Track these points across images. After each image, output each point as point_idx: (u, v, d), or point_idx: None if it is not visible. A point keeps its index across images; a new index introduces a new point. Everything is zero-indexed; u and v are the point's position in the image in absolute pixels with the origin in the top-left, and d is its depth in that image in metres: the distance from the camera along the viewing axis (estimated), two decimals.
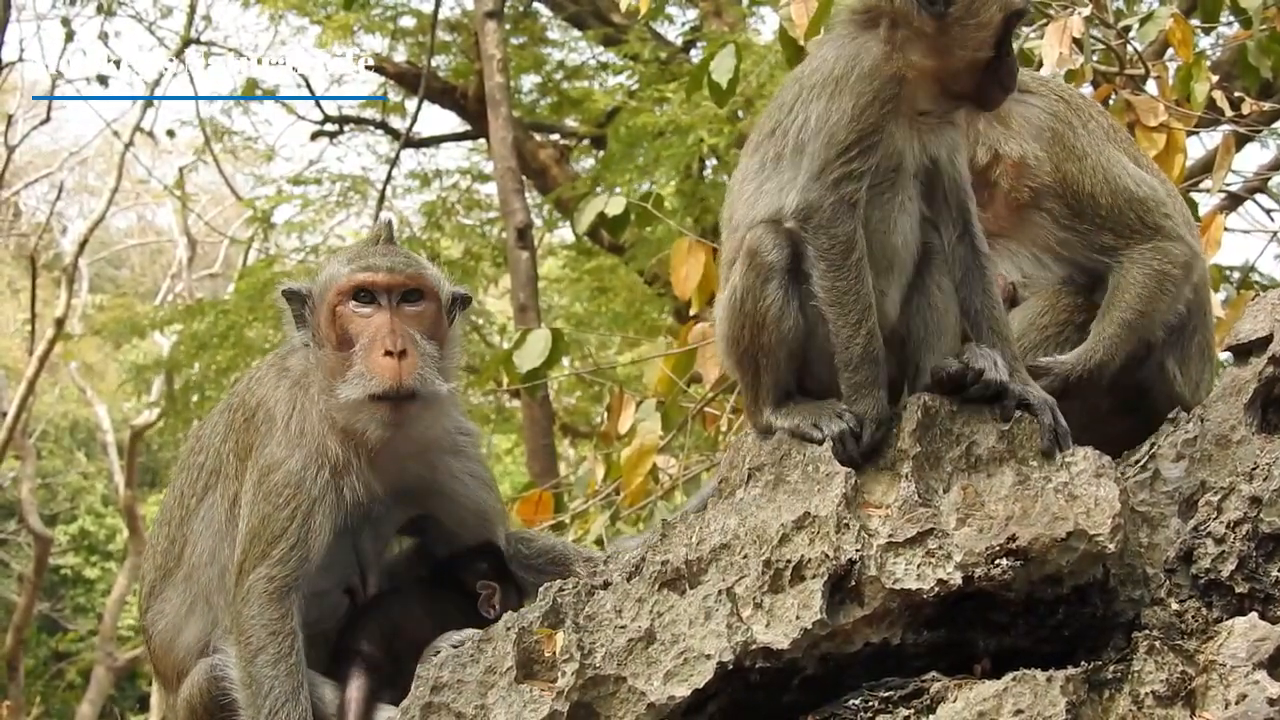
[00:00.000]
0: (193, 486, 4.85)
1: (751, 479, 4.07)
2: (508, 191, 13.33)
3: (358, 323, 4.60)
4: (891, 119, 4.06)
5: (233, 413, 4.81)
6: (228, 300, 19.31)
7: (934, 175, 4.17)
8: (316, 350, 4.67)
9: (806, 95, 4.14)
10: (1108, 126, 4.95)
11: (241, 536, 4.57)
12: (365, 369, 4.51)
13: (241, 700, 4.44)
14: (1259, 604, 3.70)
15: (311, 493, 4.53)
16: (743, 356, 4.22)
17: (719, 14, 16.69)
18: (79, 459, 34.92)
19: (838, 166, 4.02)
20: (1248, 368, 4.12)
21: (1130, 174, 4.81)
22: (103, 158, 34.26)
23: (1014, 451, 3.96)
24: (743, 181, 4.31)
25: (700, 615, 3.90)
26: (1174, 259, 4.73)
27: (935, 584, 3.77)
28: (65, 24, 20.36)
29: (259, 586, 4.46)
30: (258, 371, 4.90)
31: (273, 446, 4.61)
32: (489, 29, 13.44)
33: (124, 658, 27.14)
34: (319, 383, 4.62)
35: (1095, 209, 4.75)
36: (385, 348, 4.53)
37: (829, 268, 4.01)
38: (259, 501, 4.54)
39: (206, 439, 4.90)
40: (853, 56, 4.11)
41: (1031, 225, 4.80)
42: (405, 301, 4.65)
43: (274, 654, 4.43)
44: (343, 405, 4.51)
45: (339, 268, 4.71)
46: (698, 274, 7.75)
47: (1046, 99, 4.87)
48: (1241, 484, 3.80)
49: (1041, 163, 4.76)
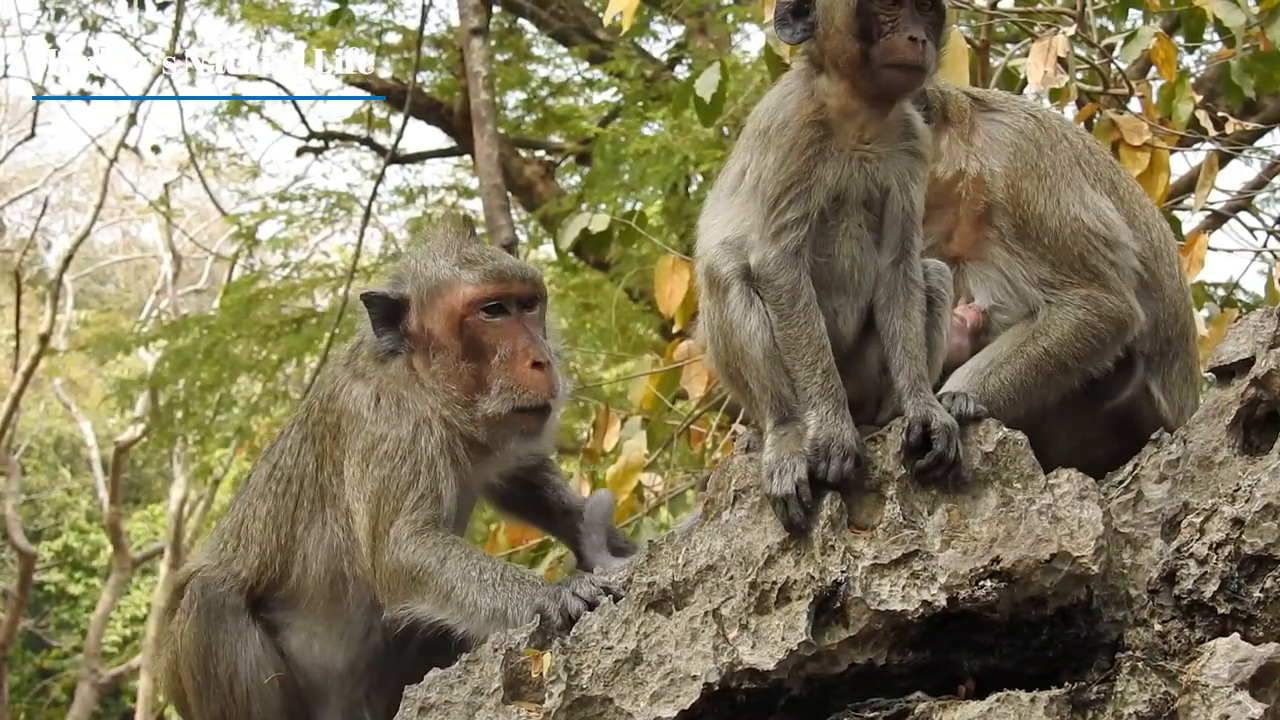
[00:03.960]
0: (291, 515, 4.77)
1: (738, 500, 4.08)
2: (493, 208, 13.31)
3: (491, 333, 4.61)
4: (819, 161, 4.09)
5: (316, 438, 4.75)
6: (213, 316, 19.27)
7: (884, 203, 4.19)
8: (423, 356, 4.65)
9: (747, 144, 4.24)
10: (1081, 149, 4.85)
11: (365, 509, 4.50)
12: (514, 382, 4.55)
13: (452, 619, 4.36)
14: (1241, 625, 3.71)
15: (428, 450, 4.51)
16: (731, 375, 4.24)
17: (704, 31, 16.72)
18: (63, 475, 34.84)
19: (773, 220, 4.08)
20: (1230, 389, 4.14)
21: (1088, 203, 4.70)
22: (87, 173, 34.21)
23: (998, 474, 3.97)
24: (706, 214, 4.39)
25: (686, 636, 3.91)
26: (1105, 313, 4.61)
27: (920, 605, 3.78)
28: (50, 40, 20.34)
29: (404, 531, 4.41)
30: (323, 388, 4.83)
31: (369, 428, 4.57)
32: (474, 45, 13.43)
33: (108, 674, 27.10)
34: (438, 391, 4.58)
35: (1041, 232, 4.64)
36: (533, 358, 4.56)
37: (780, 317, 4.07)
38: (373, 471, 4.50)
39: (291, 469, 4.81)
40: (776, 108, 4.19)
41: (985, 244, 4.72)
42: (525, 308, 4.67)
43: (458, 555, 4.37)
44: (487, 419, 4.53)
45: (455, 272, 4.68)
46: (682, 291, 7.77)
47: (1015, 116, 4.81)
48: (1224, 505, 3.81)
49: (997, 178, 4.68)
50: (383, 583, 4.47)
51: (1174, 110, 7.35)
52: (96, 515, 32.25)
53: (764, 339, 4.09)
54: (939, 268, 4.34)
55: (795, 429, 4.06)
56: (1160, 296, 4.83)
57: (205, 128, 22.28)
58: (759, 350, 4.10)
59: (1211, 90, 10.14)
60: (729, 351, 4.17)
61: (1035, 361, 4.58)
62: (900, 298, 4.19)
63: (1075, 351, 4.59)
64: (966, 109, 4.81)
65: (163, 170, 29.57)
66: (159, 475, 33.41)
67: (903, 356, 4.14)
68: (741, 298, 4.13)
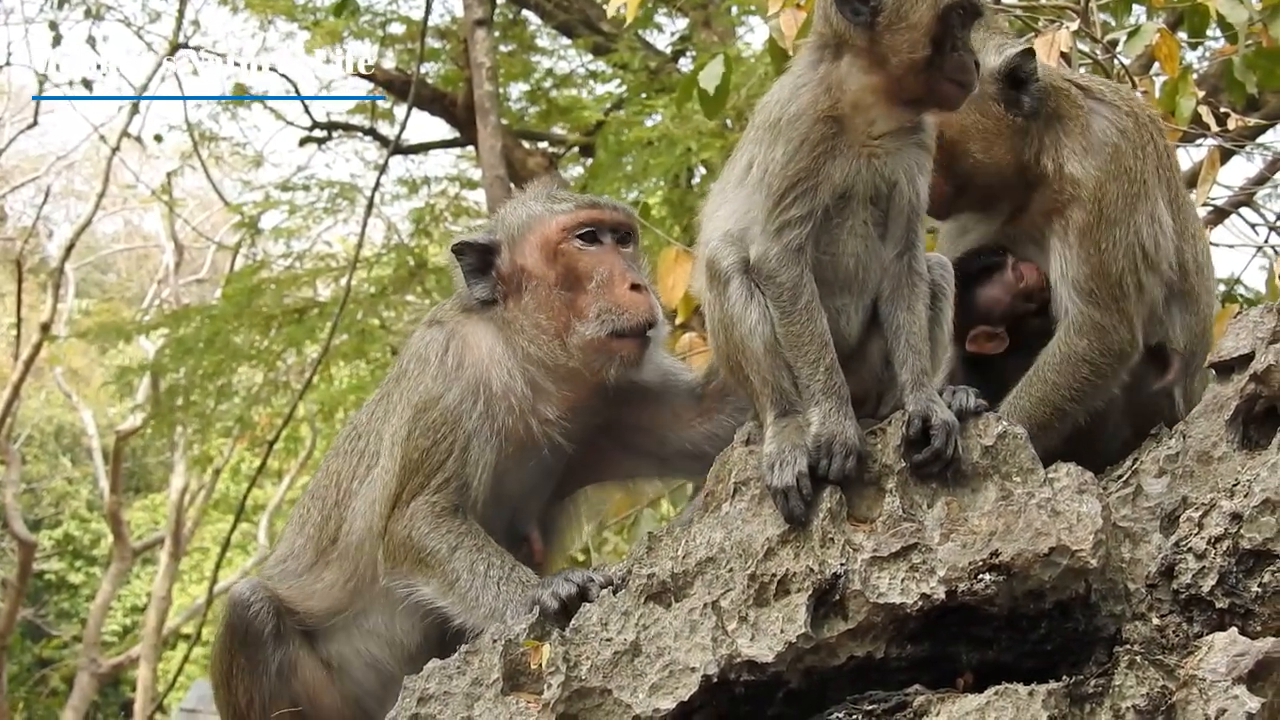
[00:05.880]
0: (353, 470, 4.76)
1: (737, 493, 4.09)
2: (496, 199, 13.28)
3: (586, 260, 4.58)
4: (829, 158, 4.07)
5: (389, 391, 4.74)
6: (214, 306, 19.26)
7: (890, 197, 4.17)
8: (516, 296, 4.60)
9: (755, 135, 4.21)
10: (1162, 152, 4.79)
11: (397, 469, 4.49)
12: (612, 304, 4.50)
13: (452, 608, 4.37)
14: (1239, 619, 3.72)
15: (467, 427, 4.47)
16: (733, 368, 4.23)
17: (708, 24, 16.70)
18: (64, 464, 34.86)
19: (777, 215, 4.07)
20: (1229, 384, 4.14)
21: (1155, 217, 4.65)
22: (90, 162, 34.17)
23: (997, 467, 3.98)
24: (710, 204, 4.38)
25: (686, 628, 3.92)
26: (1108, 346, 4.59)
27: (919, 598, 3.79)
28: (53, 28, 20.31)
29: (423, 510, 4.40)
30: (408, 342, 4.83)
31: (428, 382, 4.54)
32: (479, 36, 13.42)
33: (107, 664, 27.09)
34: (527, 328, 4.54)
35: (1103, 237, 4.59)
36: (631, 281, 4.52)
37: (782, 314, 4.06)
38: (417, 436, 4.48)
39: (364, 425, 4.83)
40: (788, 100, 4.15)
41: (1048, 232, 4.68)
42: (620, 243, 4.63)
43: (470, 546, 4.36)
44: (585, 344, 4.49)
45: (547, 206, 4.64)
46: (684, 283, 7.73)
47: (1117, 112, 4.75)
48: (1222, 500, 3.82)
49: (1091, 178, 4.63)
50: (389, 549, 4.48)
51: (1177, 106, 7.33)
52: (97, 504, 32.28)
53: (764, 333, 4.09)
54: (941, 262, 4.34)
55: (796, 421, 4.05)
56: (1195, 310, 4.84)
57: (208, 116, 22.25)
58: (759, 344, 4.09)
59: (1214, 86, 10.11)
60: (729, 344, 4.17)
61: (1043, 397, 4.57)
62: (905, 290, 4.19)
63: (1078, 385, 4.58)
64: (1079, 102, 4.75)
65: (165, 159, 29.56)
66: (160, 465, 33.41)
67: (906, 350, 4.13)
68: (742, 291, 4.12)
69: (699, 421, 4.76)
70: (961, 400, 4.08)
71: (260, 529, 29.34)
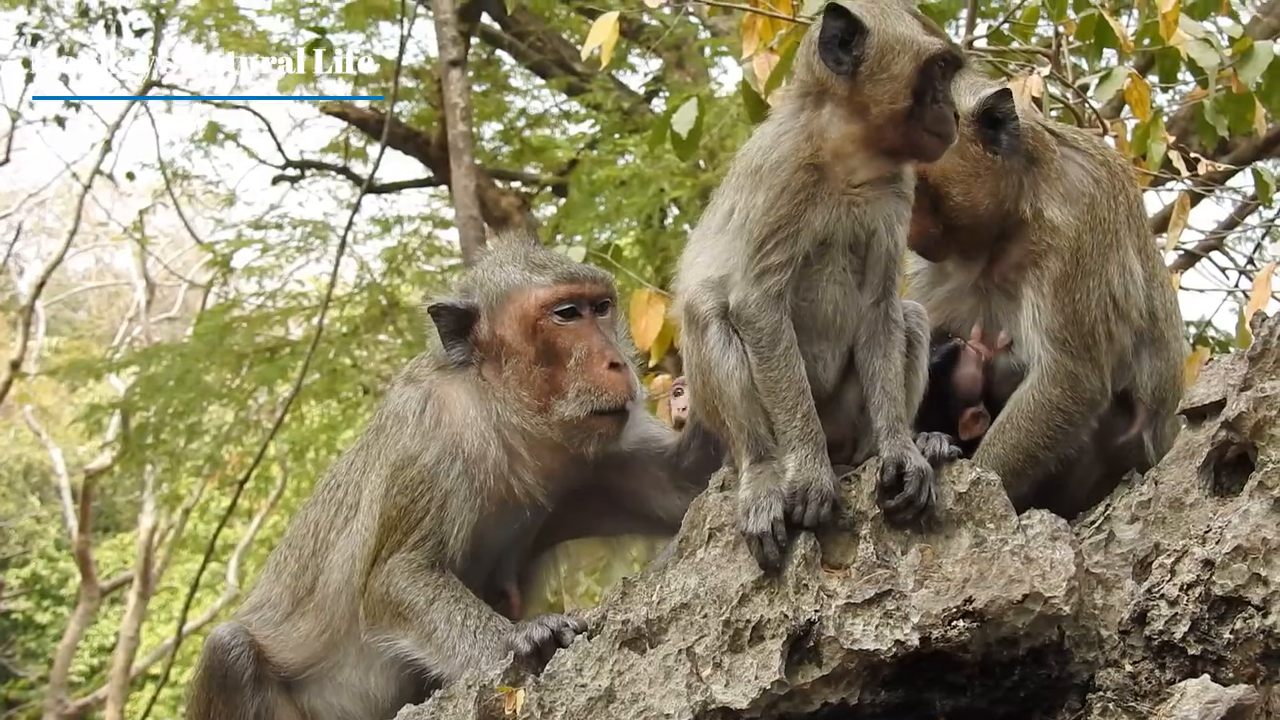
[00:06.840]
0: (330, 521, 4.76)
1: (712, 539, 4.08)
2: (469, 239, 13.33)
3: (565, 336, 4.58)
4: (809, 205, 4.09)
5: (369, 443, 4.76)
6: (185, 344, 19.21)
7: (869, 245, 4.19)
8: (494, 364, 4.61)
9: (736, 182, 4.22)
10: (1134, 200, 4.83)
11: (375, 527, 4.50)
12: (591, 384, 4.52)
13: (430, 659, 4.38)
14: (1211, 666, 3.73)
15: (444, 485, 4.48)
16: (710, 412, 4.23)
17: (681, 65, 16.79)
18: (32, 502, 34.59)
19: (758, 261, 4.08)
20: (1201, 431, 4.16)
21: (1126, 267, 4.69)
22: (61, 199, 34.09)
23: (971, 514, 3.98)
24: (690, 250, 4.39)
25: (660, 674, 3.91)
26: (1080, 394, 4.61)
27: (893, 645, 3.79)
28: (26, 65, 20.26)
29: (400, 567, 4.41)
30: (386, 397, 4.85)
31: (406, 440, 4.55)
32: (453, 77, 13.46)
33: (74, 705, 26.81)
34: (508, 399, 4.56)
35: (1077, 287, 4.62)
36: (610, 360, 4.53)
37: (760, 360, 4.07)
38: (395, 494, 4.49)
39: (343, 475, 4.83)
40: (770, 147, 4.16)
41: (1022, 282, 4.70)
42: (598, 311, 4.64)
43: (448, 598, 4.37)
44: (563, 423, 4.50)
45: (526, 276, 4.65)
46: (657, 325, 7.73)
47: (1092, 161, 4.80)
48: (1194, 546, 3.83)
49: (1070, 225, 4.66)
50: (368, 606, 4.49)
51: (1148, 150, 7.39)
52: (65, 543, 32.02)
53: (741, 378, 4.09)
54: (916, 309, 4.35)
55: (771, 468, 4.05)
56: (1165, 356, 4.86)
57: (181, 154, 22.22)
58: (736, 389, 4.09)
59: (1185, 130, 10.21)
60: (707, 389, 4.17)
61: (1017, 444, 4.59)
62: (881, 338, 4.20)
63: (1050, 432, 4.59)
64: (1053, 148, 4.79)
65: (137, 197, 29.52)
66: (129, 503, 33.21)
67: (881, 396, 4.15)
68: (720, 336, 4.13)
69: (679, 495, 4.77)
70: (935, 446, 4.09)
71: (230, 569, 29.14)
